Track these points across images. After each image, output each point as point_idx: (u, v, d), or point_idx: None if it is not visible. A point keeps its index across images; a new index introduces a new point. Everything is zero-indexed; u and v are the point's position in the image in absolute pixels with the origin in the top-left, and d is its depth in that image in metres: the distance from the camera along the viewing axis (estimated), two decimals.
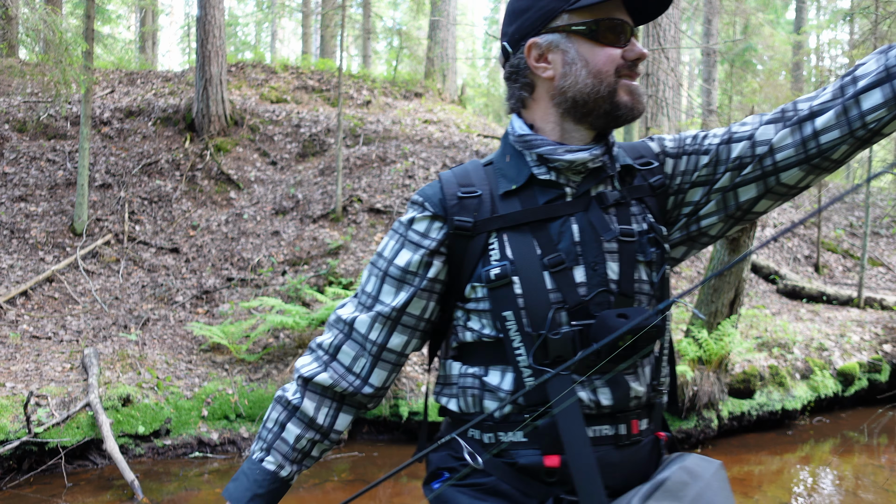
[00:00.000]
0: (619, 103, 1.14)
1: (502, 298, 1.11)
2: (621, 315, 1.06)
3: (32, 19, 7.50)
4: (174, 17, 29.21)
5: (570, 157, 1.14)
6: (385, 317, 1.18)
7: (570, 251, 1.13)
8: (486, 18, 33.64)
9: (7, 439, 4.37)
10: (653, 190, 1.21)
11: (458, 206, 1.16)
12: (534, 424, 1.10)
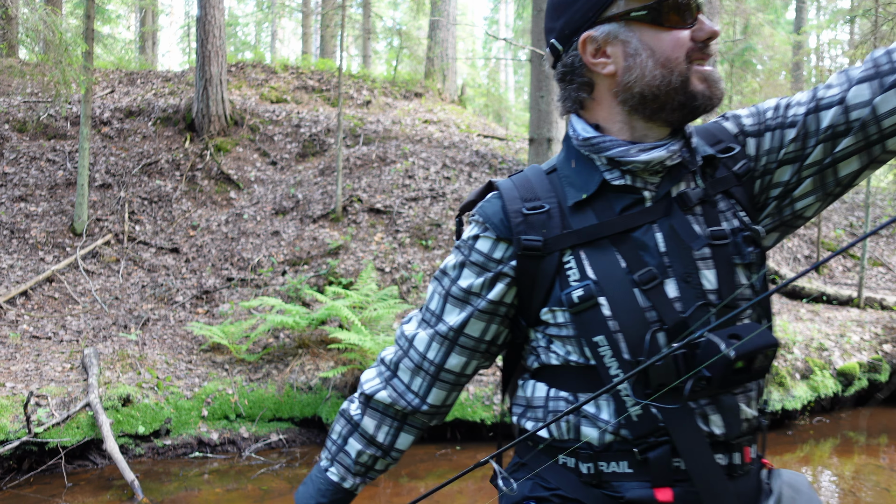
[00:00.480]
0: (695, 93, 1.00)
1: (590, 322, 0.99)
2: (733, 336, 0.92)
3: (32, 20, 7.50)
4: (174, 17, 29.24)
5: (646, 158, 1.01)
6: (443, 336, 1.11)
7: (657, 264, 1.00)
8: (486, 18, 33.65)
9: (7, 439, 4.38)
10: (738, 179, 1.07)
11: (524, 223, 1.04)
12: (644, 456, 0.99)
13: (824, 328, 6.90)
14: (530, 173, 1.11)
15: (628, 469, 1.00)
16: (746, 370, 0.93)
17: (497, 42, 27.68)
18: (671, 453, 0.98)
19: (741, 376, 0.94)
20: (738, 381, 0.94)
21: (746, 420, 1.02)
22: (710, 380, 0.92)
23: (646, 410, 0.98)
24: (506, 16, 32.03)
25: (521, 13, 21.54)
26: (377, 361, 1.20)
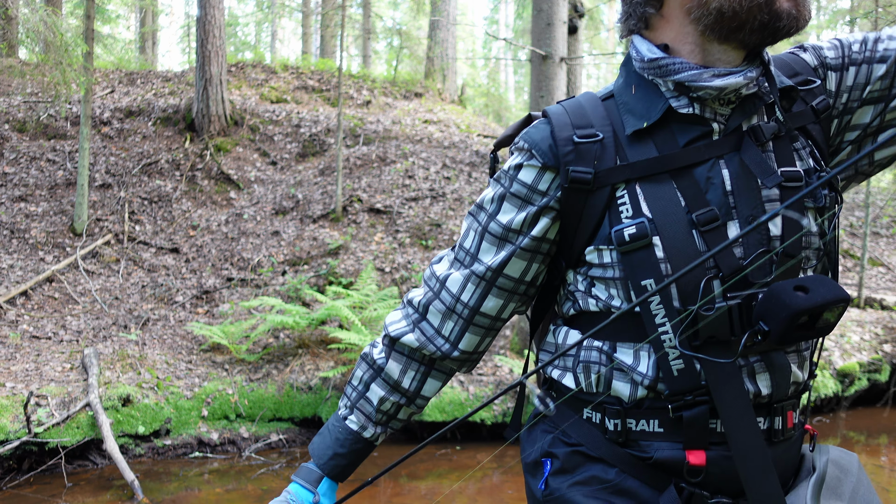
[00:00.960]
0: (780, 12, 0.89)
1: (640, 264, 0.91)
2: (800, 287, 0.84)
3: (33, 20, 7.50)
4: (174, 17, 29.24)
5: (721, 83, 0.90)
6: (479, 277, 1.02)
7: (721, 203, 0.91)
8: (486, 18, 33.66)
9: (7, 439, 4.38)
10: (816, 115, 0.98)
11: (575, 153, 0.95)
12: (678, 415, 0.92)
13: None
14: (583, 99, 1.02)
15: (658, 428, 0.93)
16: (810, 326, 0.85)
17: (497, 42, 27.69)
18: (709, 414, 0.90)
19: (803, 333, 0.85)
20: (798, 338, 0.85)
21: (795, 383, 0.95)
22: (769, 334, 0.85)
23: (689, 365, 0.90)
24: (506, 16, 32.04)
25: (521, 13, 21.55)
26: (403, 304, 1.11)
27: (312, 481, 1.10)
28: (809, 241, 0.94)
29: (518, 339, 6.04)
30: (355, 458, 1.12)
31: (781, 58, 1.02)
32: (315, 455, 1.12)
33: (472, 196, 9.07)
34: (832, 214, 0.96)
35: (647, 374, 0.93)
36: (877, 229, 10.59)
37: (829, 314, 0.85)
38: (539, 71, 5.89)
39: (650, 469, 0.94)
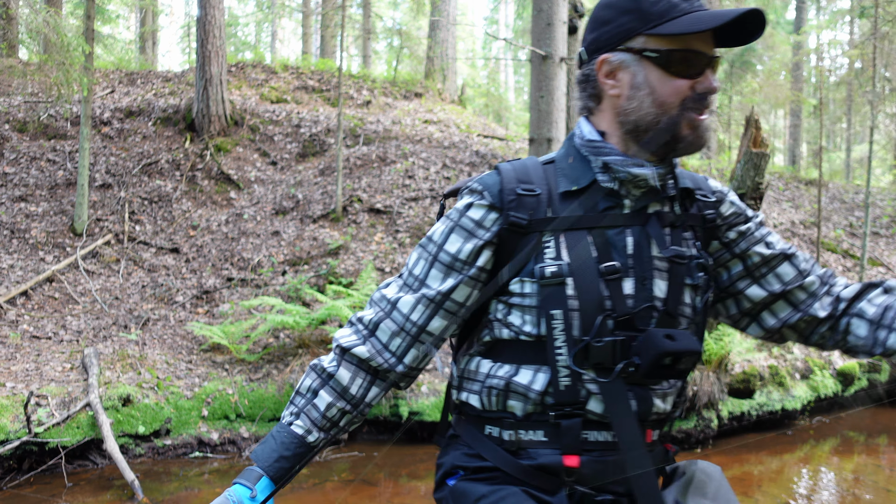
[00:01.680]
0: (680, 137, 1.13)
1: (553, 297, 1.11)
2: (668, 336, 1.08)
3: (35, 21, 7.50)
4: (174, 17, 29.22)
5: (635, 171, 1.14)
6: (430, 300, 1.18)
7: (622, 263, 1.13)
8: (485, 18, 33.64)
9: (7, 439, 4.38)
10: (704, 221, 1.23)
11: (517, 201, 1.16)
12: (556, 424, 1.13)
13: None
14: (528, 161, 1.23)
15: (543, 437, 1.14)
16: (672, 367, 1.09)
17: (497, 42, 27.67)
18: (582, 425, 1.12)
19: (666, 371, 1.09)
20: (661, 375, 1.10)
21: (657, 412, 1.16)
22: (639, 367, 1.08)
23: (574, 382, 1.12)
24: (506, 16, 32.02)
25: (521, 13, 21.55)
26: (351, 322, 1.25)
27: (252, 479, 1.19)
28: (683, 310, 1.17)
29: None
30: (297, 461, 1.22)
31: (693, 175, 1.28)
32: (259, 459, 1.21)
33: None
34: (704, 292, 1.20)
35: (539, 390, 1.13)
36: (877, 229, 10.59)
37: (686, 361, 1.09)
38: (539, 71, 5.89)
39: (534, 471, 1.14)
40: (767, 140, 5.28)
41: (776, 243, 1.28)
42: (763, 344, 6.17)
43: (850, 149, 19.69)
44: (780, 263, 1.27)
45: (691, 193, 1.22)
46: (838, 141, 23.06)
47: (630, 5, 1.13)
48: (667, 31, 1.09)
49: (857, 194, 12.07)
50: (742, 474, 4.81)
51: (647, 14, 1.11)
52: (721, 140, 16.00)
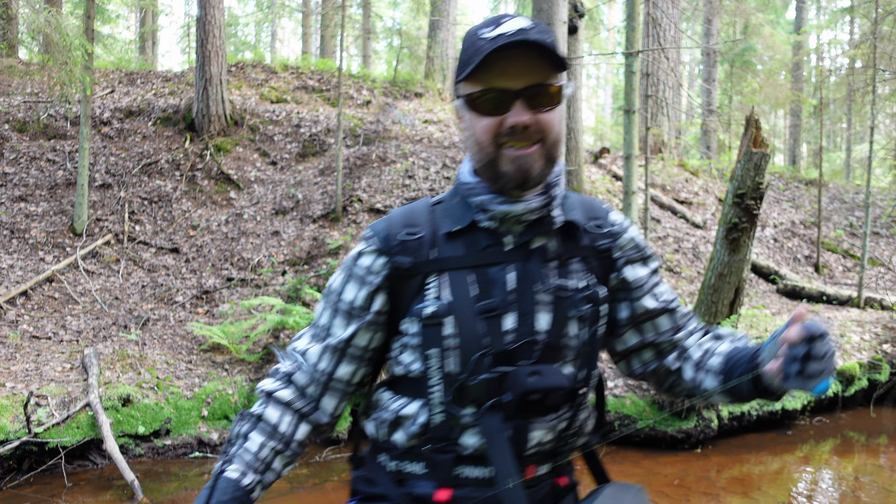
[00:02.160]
0: (501, 173, 1.15)
1: (431, 337, 1.15)
2: (534, 373, 1.12)
3: (37, 21, 7.50)
4: (174, 17, 29.21)
5: (504, 209, 1.16)
6: (334, 348, 1.23)
7: (503, 298, 1.15)
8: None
9: (7, 439, 4.37)
10: (597, 252, 1.26)
11: (401, 246, 1.20)
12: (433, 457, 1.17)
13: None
14: (419, 205, 1.28)
15: (423, 470, 1.18)
16: (541, 403, 1.13)
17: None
18: (456, 461, 1.16)
19: (535, 407, 1.13)
20: (531, 412, 1.14)
21: (539, 445, 1.18)
22: (508, 403, 1.11)
23: (447, 419, 1.15)
24: None
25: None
26: (271, 373, 1.29)
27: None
28: (568, 342, 1.18)
29: None
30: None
31: (592, 202, 1.31)
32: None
33: None
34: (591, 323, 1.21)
35: (419, 423, 1.17)
36: (877, 229, 10.59)
37: (553, 397, 1.14)
38: None
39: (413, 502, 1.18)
40: (767, 140, 5.28)
41: (662, 294, 1.31)
42: None
43: (850, 149, 19.69)
44: (660, 316, 1.30)
45: (575, 226, 1.23)
46: (838, 141, 23.06)
47: (459, 55, 1.18)
48: (464, 77, 1.13)
49: (857, 194, 12.06)
50: (742, 474, 4.81)
51: (462, 62, 1.15)
52: (721, 140, 16.00)
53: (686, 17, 18.42)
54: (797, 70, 18.48)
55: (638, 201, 7.97)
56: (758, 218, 5.26)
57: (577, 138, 9.43)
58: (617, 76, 28.17)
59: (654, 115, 12.68)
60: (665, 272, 8.56)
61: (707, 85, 14.81)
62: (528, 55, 1.11)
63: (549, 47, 1.09)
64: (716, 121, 13.08)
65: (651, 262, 1.32)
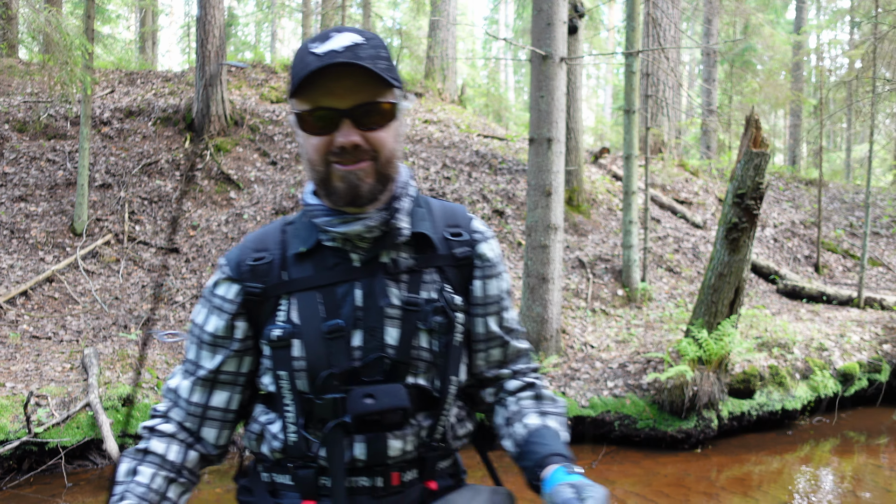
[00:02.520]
0: (333, 189, 1.14)
1: (280, 359, 1.17)
2: (368, 395, 1.14)
3: (37, 21, 7.50)
4: (174, 17, 29.21)
5: (343, 229, 1.17)
6: (204, 379, 1.23)
7: (350, 316, 1.16)
8: (485, 18, 33.63)
9: (7, 439, 4.37)
10: (455, 260, 1.25)
11: (250, 272, 1.21)
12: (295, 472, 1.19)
13: (824, 328, 6.90)
14: (270, 227, 1.28)
15: (290, 482, 1.20)
16: (378, 423, 1.15)
17: (497, 42, 27.67)
18: (317, 473, 1.18)
19: (375, 426, 1.15)
20: (373, 429, 1.15)
21: (400, 453, 1.19)
22: (349, 424, 1.14)
23: (300, 437, 1.17)
24: (506, 16, 32.02)
25: (521, 13, 21.55)
26: (151, 413, 1.29)
27: None
28: (419, 355, 1.18)
29: None
30: None
31: (454, 210, 1.31)
32: None
33: (472, 196, 9.07)
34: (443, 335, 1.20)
35: (280, 440, 1.20)
36: (877, 229, 10.58)
37: (391, 417, 1.15)
38: (539, 71, 5.89)
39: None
40: (767, 140, 5.28)
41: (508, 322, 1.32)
42: (763, 344, 6.17)
43: (850, 149, 19.69)
44: (496, 346, 1.32)
45: (427, 237, 1.23)
46: (838, 141, 23.06)
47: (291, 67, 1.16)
48: (293, 93, 1.12)
49: (857, 194, 12.06)
50: (742, 474, 4.81)
51: (292, 77, 1.13)
52: (721, 140, 16.00)
53: (686, 17, 18.43)
54: (797, 70, 18.48)
55: (638, 201, 7.97)
56: (758, 218, 5.26)
57: (577, 138, 9.43)
58: (617, 76, 28.18)
59: (654, 115, 12.68)
60: (665, 272, 8.56)
61: (707, 85, 14.81)
62: (355, 74, 1.09)
63: (374, 68, 1.08)
64: (716, 121, 13.08)
65: (504, 282, 1.32)
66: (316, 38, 1.13)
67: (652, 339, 6.38)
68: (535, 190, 5.95)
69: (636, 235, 7.73)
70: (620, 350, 6.19)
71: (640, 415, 5.28)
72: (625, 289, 7.77)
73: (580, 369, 5.77)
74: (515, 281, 7.49)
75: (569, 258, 8.31)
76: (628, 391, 5.45)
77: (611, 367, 5.79)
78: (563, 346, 6.20)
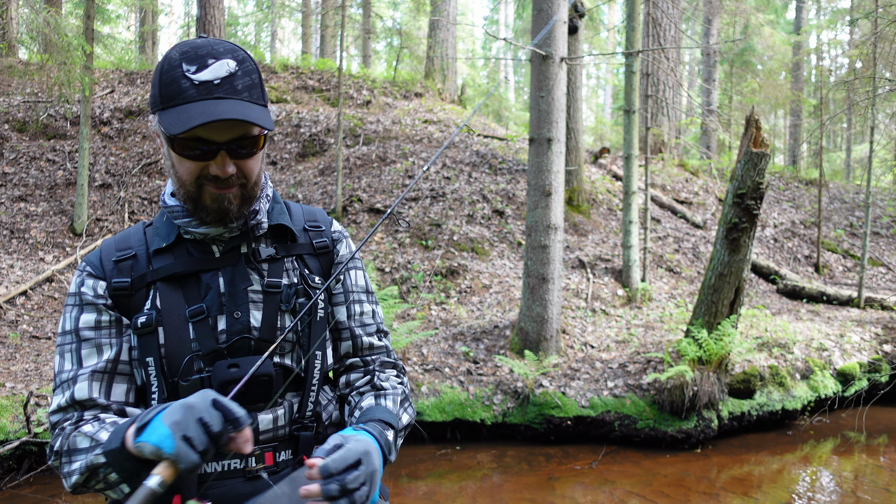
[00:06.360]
0: (203, 207, 1.19)
1: (146, 346, 1.19)
2: (232, 365, 1.17)
3: (36, 21, 7.50)
4: (174, 17, 29.20)
5: (204, 231, 1.23)
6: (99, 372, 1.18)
7: (214, 302, 1.22)
8: (485, 18, 33.64)
9: (7, 439, 4.37)
10: (314, 249, 1.35)
11: (115, 268, 1.24)
12: None
13: (824, 328, 6.90)
14: (132, 228, 1.33)
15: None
16: (245, 392, 1.15)
17: (497, 42, 27.67)
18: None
19: (241, 397, 1.14)
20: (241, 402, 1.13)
21: (273, 430, 1.23)
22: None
23: None
24: (506, 16, 32.02)
25: (521, 13, 21.55)
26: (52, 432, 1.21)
27: None
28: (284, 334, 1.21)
29: (518, 339, 6.04)
30: None
31: (313, 210, 1.42)
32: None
33: (472, 196, 9.07)
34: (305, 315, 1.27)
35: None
36: (877, 229, 10.58)
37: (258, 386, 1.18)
38: (539, 71, 5.88)
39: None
40: (767, 140, 5.28)
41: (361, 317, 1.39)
42: (763, 344, 6.17)
43: (850, 149, 19.69)
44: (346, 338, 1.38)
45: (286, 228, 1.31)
46: (838, 141, 23.06)
47: (155, 78, 1.17)
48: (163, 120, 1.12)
49: (857, 194, 12.06)
50: (742, 474, 4.81)
51: (160, 94, 1.14)
52: (721, 140, 15.99)
53: (686, 17, 18.43)
54: (797, 70, 18.48)
55: (638, 201, 7.97)
56: (758, 218, 5.26)
57: (577, 138, 9.43)
58: (617, 76, 28.17)
59: (654, 115, 12.68)
60: (665, 272, 8.56)
61: (707, 85, 14.81)
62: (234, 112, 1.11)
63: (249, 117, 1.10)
64: (716, 121, 13.08)
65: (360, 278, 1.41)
66: (191, 56, 1.13)
67: (652, 339, 6.38)
68: (535, 190, 5.95)
69: (636, 235, 7.73)
70: (620, 350, 6.19)
71: (640, 415, 5.28)
72: (625, 289, 7.77)
73: (580, 369, 5.77)
74: (515, 281, 7.49)
75: (569, 258, 8.31)
76: (628, 391, 5.45)
77: (611, 367, 5.78)
78: (563, 346, 6.21)
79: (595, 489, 4.54)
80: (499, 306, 7.07)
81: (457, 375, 5.62)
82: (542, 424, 5.32)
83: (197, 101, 1.11)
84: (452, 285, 7.41)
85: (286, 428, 1.25)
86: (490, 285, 7.48)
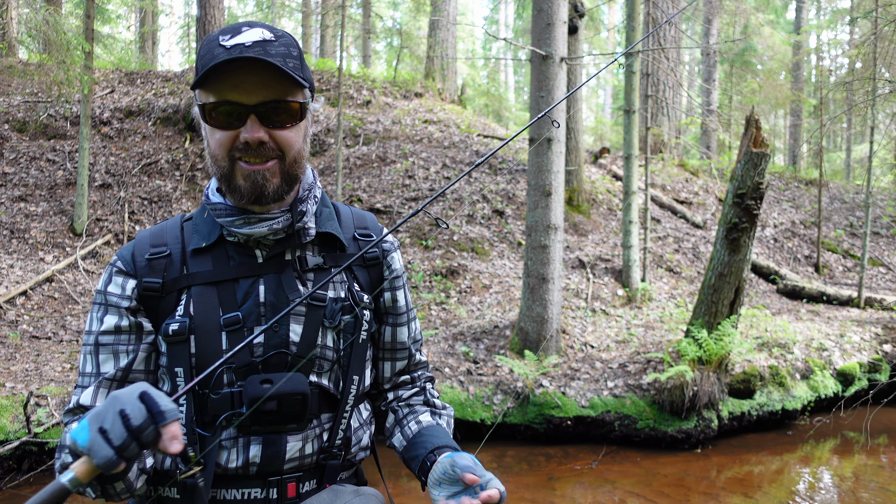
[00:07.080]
0: (236, 187, 1.12)
1: (176, 355, 1.11)
2: (266, 381, 1.09)
3: (35, 20, 7.50)
4: (174, 17, 29.20)
5: (248, 231, 1.15)
6: (109, 380, 1.13)
7: (252, 311, 1.13)
8: (485, 18, 33.63)
9: (7, 439, 4.37)
10: (364, 261, 1.26)
11: (147, 267, 1.16)
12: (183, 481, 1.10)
13: (824, 328, 6.90)
14: (169, 222, 1.24)
15: (176, 495, 1.11)
16: (278, 411, 1.09)
17: (497, 42, 27.67)
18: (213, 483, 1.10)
19: (273, 416, 1.09)
20: (269, 421, 1.09)
21: (298, 455, 1.15)
22: (242, 414, 1.08)
23: (193, 435, 1.10)
24: (506, 16, 32.02)
25: (521, 13, 21.55)
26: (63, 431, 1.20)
27: None
28: (325, 353, 1.17)
29: (518, 339, 6.04)
30: None
31: (363, 215, 1.33)
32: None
33: (472, 196, 9.07)
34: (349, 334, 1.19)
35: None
36: (877, 229, 10.58)
37: (290, 404, 1.09)
38: (539, 71, 5.88)
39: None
40: (767, 140, 5.28)
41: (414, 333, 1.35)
42: (763, 344, 6.17)
43: (850, 149, 19.69)
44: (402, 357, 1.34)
45: (334, 237, 1.23)
46: (838, 141, 23.06)
47: (196, 56, 1.12)
48: (197, 84, 1.07)
49: (857, 194, 12.06)
50: (742, 474, 4.81)
51: (197, 67, 1.08)
52: (721, 140, 15.99)
53: (686, 16, 18.42)
54: (797, 70, 18.48)
55: (638, 201, 7.97)
56: (758, 218, 5.26)
57: (577, 138, 9.43)
58: (617, 76, 28.17)
59: (654, 115, 12.68)
60: (665, 272, 8.56)
61: (707, 85, 14.81)
62: (263, 70, 1.06)
63: (283, 67, 1.05)
64: (716, 121, 13.08)
65: (409, 294, 1.35)
66: (227, 29, 1.09)
67: (652, 339, 6.38)
68: (535, 190, 5.95)
69: (636, 235, 7.73)
70: (620, 350, 6.19)
71: (640, 415, 5.28)
72: (625, 289, 7.77)
73: (580, 369, 5.77)
74: (515, 281, 7.49)
75: (569, 258, 8.31)
76: (628, 391, 5.45)
77: (611, 367, 5.78)
78: (563, 346, 6.20)
79: (595, 489, 4.54)
80: (499, 306, 7.07)
81: (457, 375, 5.62)
82: (542, 424, 5.32)
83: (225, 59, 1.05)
84: (452, 285, 7.41)
85: (314, 457, 1.17)
86: (490, 285, 7.48)
